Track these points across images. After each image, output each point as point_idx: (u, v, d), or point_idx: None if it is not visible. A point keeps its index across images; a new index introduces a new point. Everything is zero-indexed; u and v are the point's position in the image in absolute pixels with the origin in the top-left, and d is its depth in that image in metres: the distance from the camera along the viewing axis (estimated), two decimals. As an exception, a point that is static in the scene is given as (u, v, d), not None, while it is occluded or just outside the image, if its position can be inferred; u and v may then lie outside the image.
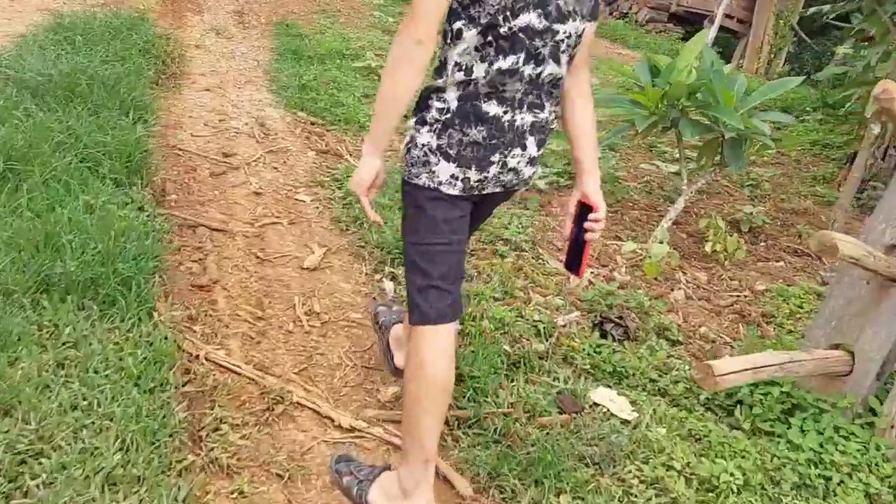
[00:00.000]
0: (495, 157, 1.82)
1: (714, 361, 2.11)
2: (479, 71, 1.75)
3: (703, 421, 2.56)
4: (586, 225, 1.96)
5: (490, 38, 1.71)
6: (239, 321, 2.72)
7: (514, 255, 3.75)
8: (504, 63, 1.74)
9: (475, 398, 2.50)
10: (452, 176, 1.81)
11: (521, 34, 1.71)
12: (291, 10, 8.65)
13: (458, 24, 1.72)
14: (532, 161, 1.93)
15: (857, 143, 5.76)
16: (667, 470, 2.29)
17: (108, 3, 6.88)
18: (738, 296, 3.97)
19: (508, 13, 1.69)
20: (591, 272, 3.82)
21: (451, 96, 1.79)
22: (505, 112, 1.80)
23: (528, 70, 1.78)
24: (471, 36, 1.72)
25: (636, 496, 2.18)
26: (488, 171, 1.83)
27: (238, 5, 8.45)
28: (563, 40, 1.79)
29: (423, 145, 1.82)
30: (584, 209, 1.97)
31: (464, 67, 1.75)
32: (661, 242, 4.04)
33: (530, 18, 1.70)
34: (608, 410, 2.58)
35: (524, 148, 1.87)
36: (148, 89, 4.72)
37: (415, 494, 1.90)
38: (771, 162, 6.93)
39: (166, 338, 2.35)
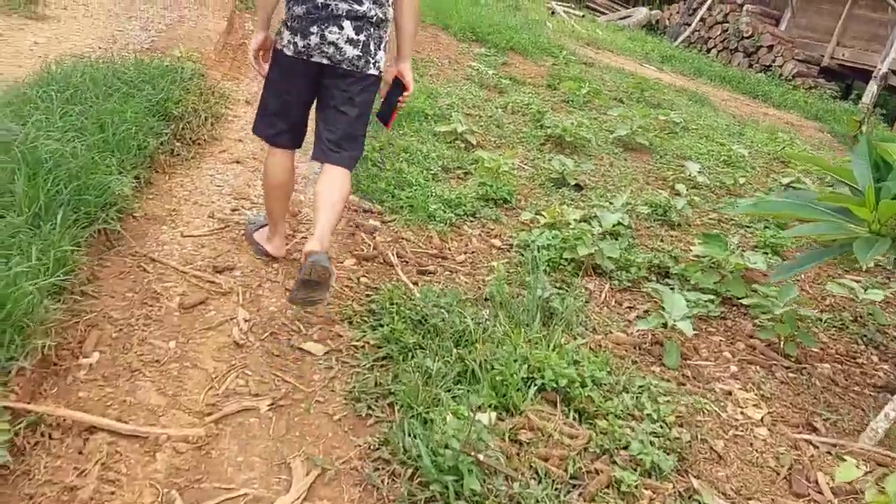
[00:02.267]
0: (314, 29, 2.59)
1: None
2: None
3: None
4: (400, 99, 2.86)
5: None
6: None
7: (641, 486, 2.15)
8: None
9: None
10: (288, 41, 2.66)
11: None
12: (376, 59, 7.41)
13: None
14: (353, 42, 2.62)
15: None
16: None
17: (157, 48, 5.83)
18: None
19: None
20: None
21: None
22: None
23: None
24: None
25: None
26: (309, 39, 2.60)
27: (314, 53, 7.28)
28: None
29: (282, 21, 2.69)
30: (398, 83, 2.83)
31: None
32: (906, 468, 2.33)
33: None
34: None
35: (341, 28, 2.59)
36: (137, 167, 3.45)
37: (273, 240, 3.15)
38: None
39: None
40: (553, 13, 14.73)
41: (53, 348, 2.13)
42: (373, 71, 2.71)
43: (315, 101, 2.87)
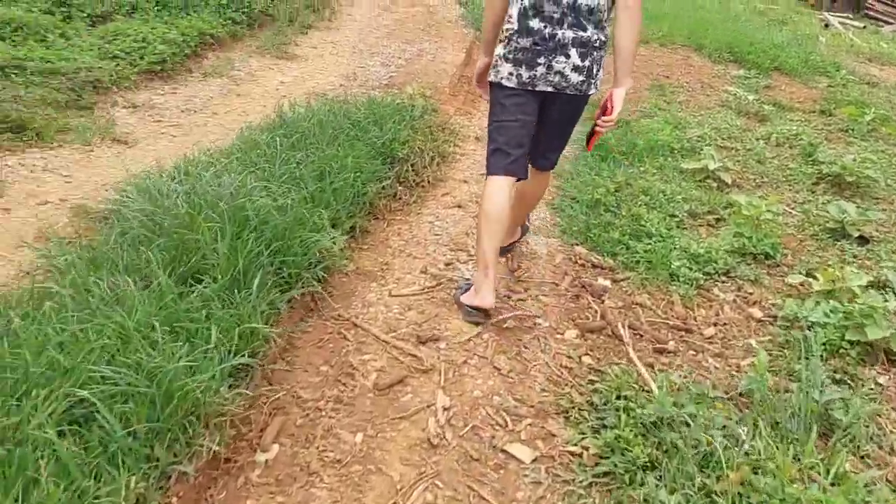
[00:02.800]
0: (541, 60, 2.57)
1: None
2: None
3: None
4: (598, 123, 2.71)
5: None
6: None
7: None
8: None
9: None
10: (509, 73, 2.62)
11: None
12: (618, 87, 6.82)
13: None
14: (578, 69, 2.60)
15: None
16: None
17: (395, 84, 5.81)
18: None
19: None
20: None
21: (514, 16, 2.59)
22: (545, 27, 2.54)
23: None
24: None
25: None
26: (535, 70, 2.58)
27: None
28: None
29: (496, 55, 2.68)
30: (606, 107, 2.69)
31: None
32: None
33: None
34: None
35: (567, 56, 2.57)
36: (354, 215, 3.27)
37: (480, 290, 2.77)
38: None
39: None
40: (826, 26, 13.07)
41: (226, 443, 1.90)
42: (592, 90, 2.72)
43: None
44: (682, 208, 4.23)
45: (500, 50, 2.65)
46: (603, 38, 2.62)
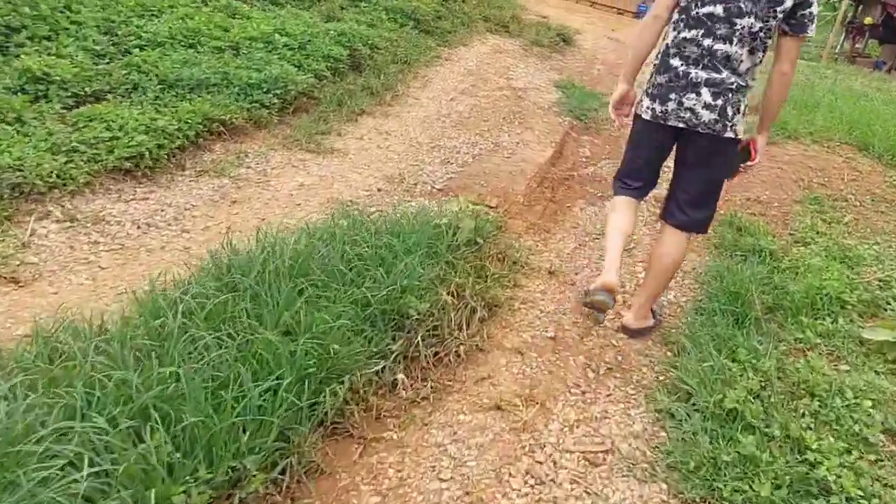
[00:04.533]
0: (672, 96, 2.68)
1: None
2: (673, 37, 2.69)
3: None
4: (742, 167, 2.83)
5: (684, 16, 2.65)
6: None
7: None
8: (687, 34, 2.64)
9: None
10: (647, 106, 2.78)
11: (704, 18, 2.59)
12: (757, 197, 5.08)
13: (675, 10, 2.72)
14: (709, 107, 2.64)
15: None
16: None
17: (450, 189, 4.42)
18: None
19: (699, 2, 2.60)
20: None
21: (658, 54, 2.77)
22: (681, 65, 2.67)
23: (706, 42, 2.60)
24: (675, 15, 2.69)
25: None
26: (667, 105, 2.70)
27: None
28: (738, 30, 2.55)
29: (643, 90, 2.82)
30: (746, 151, 2.79)
31: (668, 35, 2.73)
32: None
33: (714, 9, 2.57)
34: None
35: (698, 95, 2.64)
36: (290, 453, 1.81)
37: (603, 272, 2.93)
38: None
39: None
40: None
41: None
42: (729, 134, 2.70)
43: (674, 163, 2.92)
44: (874, 423, 2.54)
45: (645, 85, 2.81)
46: (740, 83, 2.66)
